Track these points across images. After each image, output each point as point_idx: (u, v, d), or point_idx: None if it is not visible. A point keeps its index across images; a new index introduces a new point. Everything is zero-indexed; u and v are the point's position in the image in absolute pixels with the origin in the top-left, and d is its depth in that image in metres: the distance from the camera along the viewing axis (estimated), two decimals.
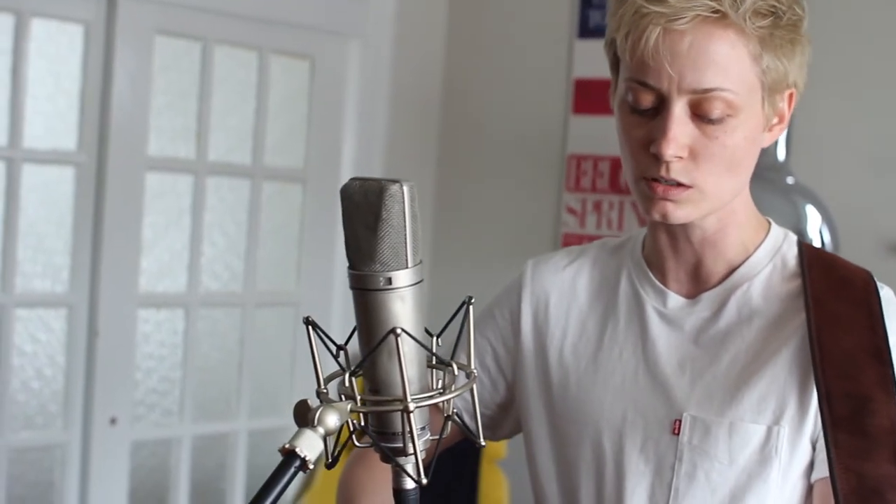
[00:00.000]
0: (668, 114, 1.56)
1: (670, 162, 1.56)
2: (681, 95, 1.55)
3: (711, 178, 1.59)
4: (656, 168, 1.58)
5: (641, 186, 1.61)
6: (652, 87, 1.56)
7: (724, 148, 1.57)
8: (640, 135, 1.60)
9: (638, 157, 1.60)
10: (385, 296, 1.18)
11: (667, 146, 1.55)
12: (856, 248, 3.54)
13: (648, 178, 1.59)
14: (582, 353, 1.77)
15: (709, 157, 1.57)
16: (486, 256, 4.35)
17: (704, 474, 1.63)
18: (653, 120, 1.58)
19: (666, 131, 1.55)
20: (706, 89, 1.54)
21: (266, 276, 4.22)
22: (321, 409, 1.15)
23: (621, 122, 1.63)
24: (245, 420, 4.14)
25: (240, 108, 4.09)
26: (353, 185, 1.19)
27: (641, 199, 1.63)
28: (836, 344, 1.60)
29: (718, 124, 1.56)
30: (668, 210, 1.60)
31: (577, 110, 4.20)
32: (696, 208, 1.61)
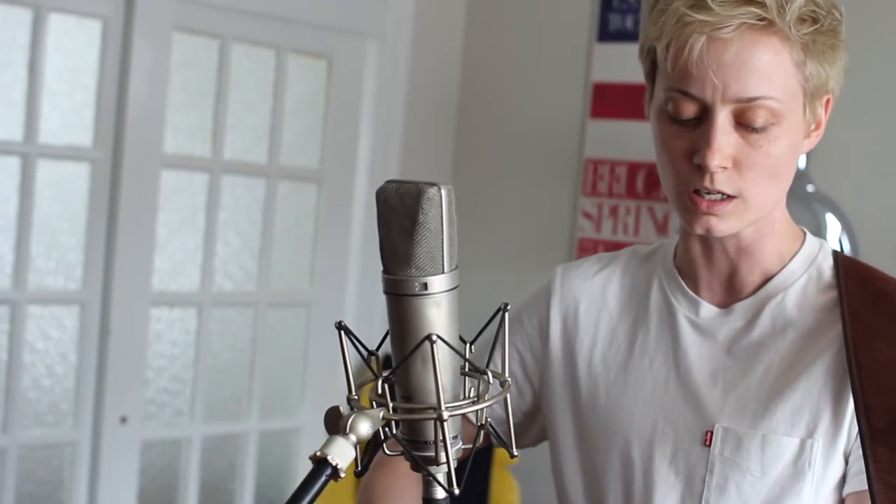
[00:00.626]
0: (712, 123, 1.53)
1: (715, 172, 1.54)
2: (725, 105, 1.53)
3: (756, 187, 1.56)
4: (700, 179, 1.55)
5: (684, 200, 1.58)
6: (695, 97, 1.54)
7: (767, 157, 1.55)
8: (682, 145, 1.57)
9: (679, 168, 1.58)
10: (420, 301, 1.16)
11: (712, 157, 1.53)
12: (875, 256, 3.51)
13: (691, 190, 1.57)
14: (612, 362, 1.74)
15: (752, 167, 1.55)
16: (501, 260, 4.32)
17: (736, 487, 1.60)
18: (695, 130, 1.55)
19: (711, 141, 1.53)
20: (751, 98, 1.52)
21: (279, 276, 4.19)
22: (353, 416, 1.13)
23: (661, 132, 1.60)
24: (256, 421, 4.12)
25: (256, 107, 4.07)
26: (390, 187, 1.16)
27: (684, 212, 1.60)
28: (874, 357, 1.57)
29: (762, 133, 1.54)
30: (711, 224, 1.57)
31: (594, 114, 4.17)
32: (739, 220, 1.59)
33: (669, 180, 1.60)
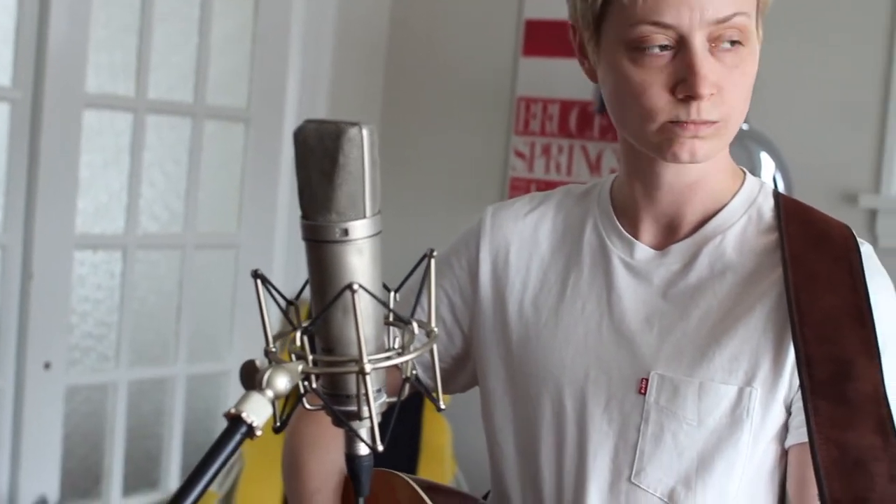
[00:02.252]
0: (692, 51, 1.48)
1: (703, 101, 1.48)
2: (701, 29, 1.47)
3: (735, 110, 1.53)
4: (686, 111, 1.49)
5: (666, 130, 1.51)
6: (670, 26, 1.48)
7: (744, 76, 1.52)
8: (659, 79, 1.50)
9: (659, 103, 1.50)
10: (341, 248, 1.09)
11: (702, 84, 1.47)
12: (809, 195, 3.45)
13: (682, 121, 1.50)
14: (543, 305, 1.68)
15: (732, 89, 1.50)
16: (432, 201, 4.27)
17: (672, 436, 1.55)
18: (672, 61, 1.50)
19: (698, 69, 1.47)
20: (726, 17, 1.48)
21: (206, 217, 4.12)
22: (270, 370, 1.06)
23: (627, 71, 1.52)
24: (183, 365, 4.06)
25: (182, 45, 3.98)
26: (308, 127, 1.09)
27: (662, 142, 1.53)
28: (816, 304, 1.52)
29: (735, 52, 1.50)
30: (696, 148, 1.52)
31: (526, 52, 4.11)
32: (719, 142, 1.54)
33: (642, 118, 1.53)
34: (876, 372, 1.47)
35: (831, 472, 1.42)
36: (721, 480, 1.55)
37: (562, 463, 1.62)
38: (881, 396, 1.46)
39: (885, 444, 1.44)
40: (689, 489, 1.55)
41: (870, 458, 1.43)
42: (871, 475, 1.42)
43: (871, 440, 1.44)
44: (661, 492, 1.56)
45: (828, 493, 1.41)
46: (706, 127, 1.50)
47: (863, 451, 1.43)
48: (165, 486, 4.05)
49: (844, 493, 1.41)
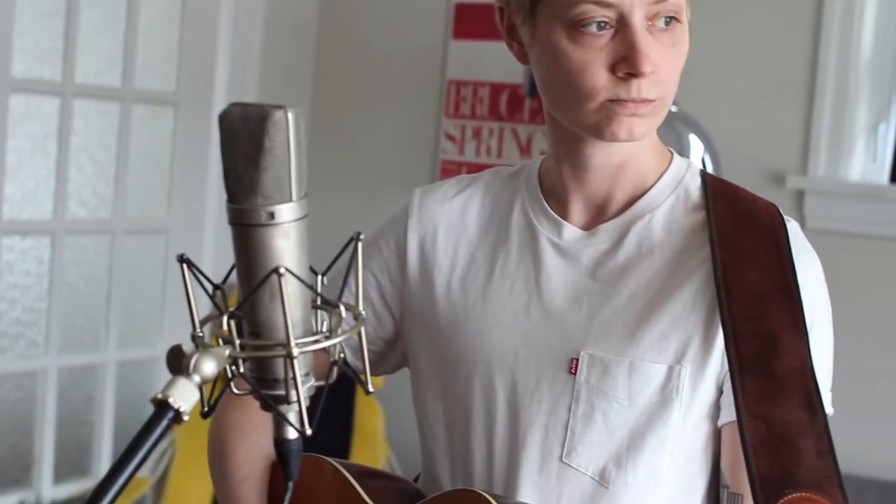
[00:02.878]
0: (633, 30, 1.49)
1: (644, 78, 1.49)
2: (640, 7, 1.48)
3: (670, 88, 1.54)
4: (626, 89, 1.50)
5: (605, 108, 1.52)
6: (610, 4, 1.48)
7: (680, 55, 1.54)
8: (599, 57, 1.51)
9: (598, 82, 1.51)
10: (267, 232, 1.09)
11: (645, 62, 1.48)
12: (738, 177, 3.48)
13: (623, 99, 1.51)
14: (471, 286, 1.68)
15: (668, 67, 1.52)
16: (363, 184, 4.26)
17: (602, 416, 1.56)
18: (612, 40, 1.50)
19: (639, 47, 1.48)
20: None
21: (136, 202, 4.09)
22: (197, 355, 1.06)
23: (565, 50, 1.52)
24: (114, 351, 4.03)
25: (109, 29, 3.94)
26: (233, 111, 1.08)
27: (601, 121, 1.53)
28: (743, 281, 1.53)
29: (670, 31, 1.51)
30: (634, 126, 1.52)
31: (457, 35, 4.11)
32: (654, 120, 1.56)
33: (580, 97, 1.53)
34: (803, 347, 1.49)
35: (759, 448, 1.44)
36: (652, 458, 1.56)
37: (492, 444, 1.63)
38: (808, 371, 1.48)
39: (812, 418, 1.45)
40: (621, 468, 1.56)
41: (797, 434, 1.44)
42: (799, 450, 1.43)
43: (798, 415, 1.45)
44: (592, 471, 1.57)
45: (755, 469, 1.43)
46: (645, 105, 1.51)
47: (790, 427, 1.45)
48: (97, 474, 4.02)
49: (772, 469, 1.42)
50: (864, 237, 3.60)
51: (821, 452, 1.43)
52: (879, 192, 3.61)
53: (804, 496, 1.40)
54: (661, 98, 1.53)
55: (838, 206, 3.63)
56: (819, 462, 1.43)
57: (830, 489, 1.40)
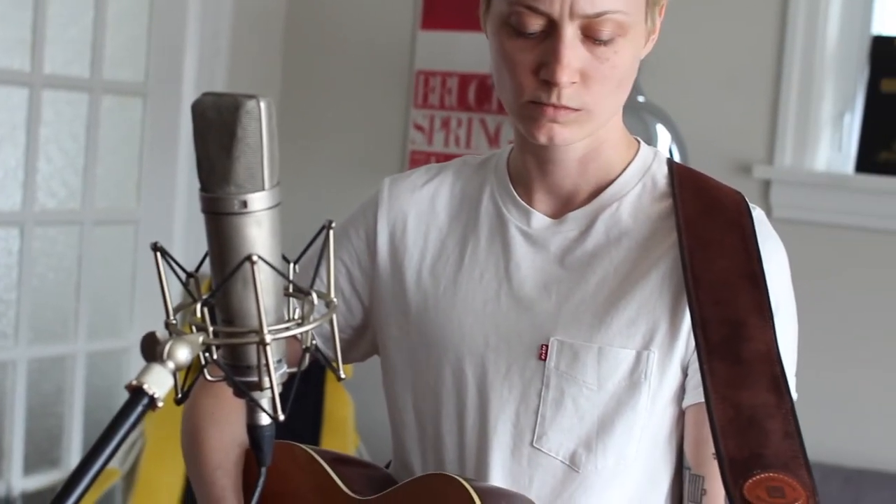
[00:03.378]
0: (559, 39, 1.51)
1: (563, 88, 1.52)
2: (573, 20, 1.51)
3: (601, 99, 1.56)
4: (546, 94, 1.53)
5: (528, 110, 1.56)
6: (541, 12, 1.51)
7: (614, 69, 1.55)
8: (527, 59, 1.54)
9: (524, 82, 1.55)
10: (240, 220, 1.10)
11: (561, 72, 1.51)
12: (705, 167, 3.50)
13: (539, 102, 1.54)
14: (441, 274, 1.70)
15: (600, 80, 1.54)
16: (333, 174, 4.27)
17: (572, 401, 1.59)
18: (541, 44, 1.53)
19: (560, 57, 1.51)
20: (598, 13, 1.51)
21: (105, 193, 4.08)
22: (171, 342, 1.07)
23: (503, 46, 1.57)
24: (84, 342, 4.02)
25: (77, 19, 3.93)
26: (206, 100, 1.10)
27: (526, 121, 1.58)
28: (709, 268, 1.56)
29: (609, 45, 1.53)
30: (555, 132, 1.56)
31: (425, 26, 4.12)
32: (581, 129, 1.58)
33: (511, 93, 1.58)
34: (769, 332, 1.52)
35: (727, 430, 1.47)
36: (621, 442, 1.58)
37: (463, 430, 1.65)
38: (774, 355, 1.51)
39: (778, 401, 1.48)
40: (590, 451, 1.59)
41: (764, 416, 1.47)
42: (766, 432, 1.46)
43: (766, 398, 1.48)
44: (562, 455, 1.60)
45: (724, 450, 1.46)
46: (566, 113, 1.54)
47: (757, 409, 1.48)
48: (67, 465, 4.02)
49: (739, 451, 1.45)
50: (829, 226, 3.64)
51: (787, 434, 1.46)
52: (845, 182, 3.65)
53: (772, 476, 1.43)
54: (588, 109, 1.55)
55: (804, 196, 3.66)
56: (786, 444, 1.45)
57: (797, 469, 1.43)
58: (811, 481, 1.43)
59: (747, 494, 1.41)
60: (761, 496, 1.40)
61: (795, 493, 1.41)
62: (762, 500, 1.40)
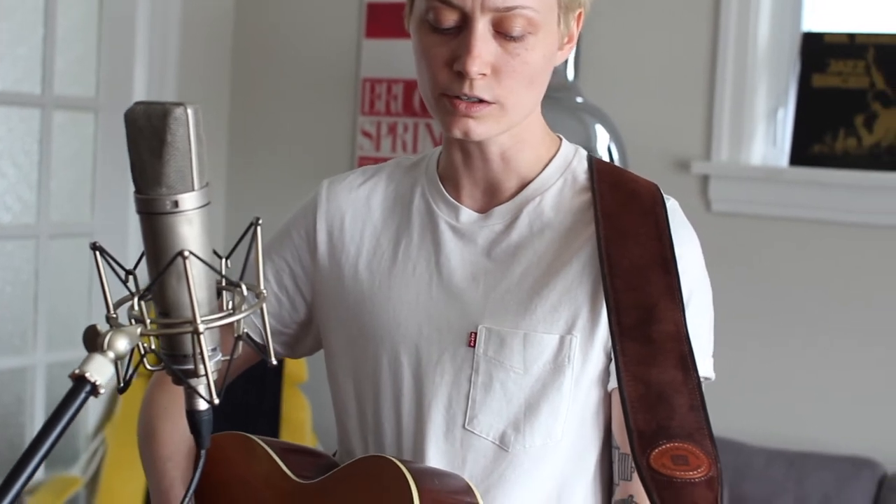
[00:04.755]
0: (471, 32, 1.60)
1: (474, 79, 1.60)
2: (484, 13, 1.59)
3: (513, 94, 1.64)
4: (459, 85, 1.62)
5: (443, 103, 1.65)
6: (455, 6, 1.60)
7: (525, 64, 1.63)
8: (443, 53, 1.63)
9: (440, 75, 1.64)
10: (172, 219, 1.19)
11: (472, 63, 1.59)
12: (645, 164, 3.64)
13: (450, 95, 1.63)
14: (376, 270, 1.79)
15: (510, 74, 1.62)
16: (283, 181, 4.34)
17: (500, 384, 1.68)
18: (455, 38, 1.62)
19: (470, 49, 1.59)
20: (508, 7, 1.59)
21: (59, 207, 4.15)
22: (110, 333, 1.16)
23: (422, 41, 1.66)
24: (43, 353, 4.08)
25: (27, 37, 3.99)
26: (137, 109, 1.18)
27: (442, 115, 1.66)
28: (624, 256, 1.66)
29: (519, 42, 1.61)
30: (469, 127, 1.64)
31: (369, 34, 4.20)
32: (496, 124, 1.66)
33: (428, 87, 1.66)
34: (678, 314, 1.61)
35: (637, 406, 1.56)
36: (547, 423, 1.67)
37: (400, 415, 1.74)
38: (683, 335, 1.60)
39: (685, 377, 1.57)
40: (519, 432, 1.68)
41: (671, 392, 1.56)
42: (673, 406, 1.55)
43: (673, 375, 1.57)
44: (492, 436, 1.68)
45: (633, 424, 1.54)
46: (479, 108, 1.63)
47: (665, 386, 1.57)
48: None
49: (648, 424, 1.54)
50: (766, 218, 3.73)
51: (693, 407, 1.55)
52: (779, 175, 3.74)
53: (677, 445, 1.51)
54: (501, 102, 1.64)
55: (741, 190, 3.76)
56: (691, 416, 1.54)
57: (701, 439, 1.52)
58: (714, 450, 1.51)
59: (653, 463, 1.49)
60: (666, 464, 1.49)
61: (699, 461, 1.49)
62: (667, 467, 1.48)
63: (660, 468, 1.48)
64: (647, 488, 1.48)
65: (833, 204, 3.68)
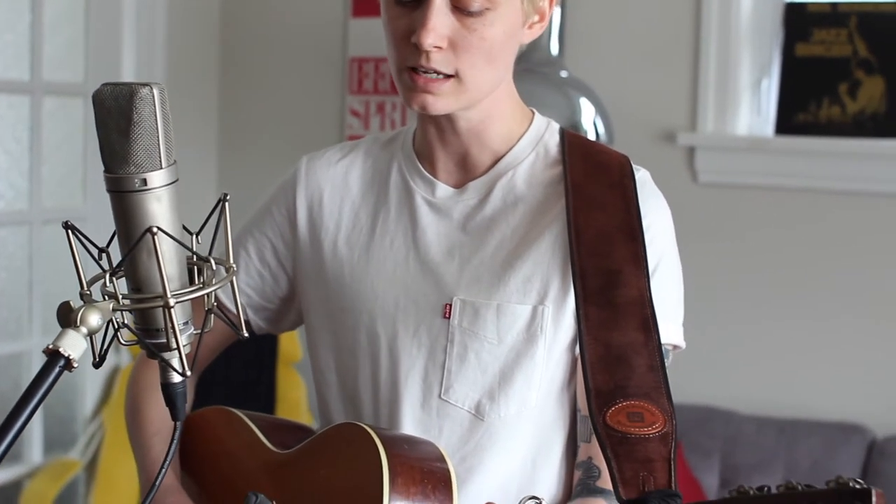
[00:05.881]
0: (428, 5, 1.63)
1: (430, 52, 1.63)
2: None
3: (471, 69, 1.66)
4: (416, 57, 1.65)
5: (404, 77, 1.68)
6: None
7: (482, 40, 1.65)
8: (403, 26, 1.66)
9: (400, 47, 1.68)
10: (141, 197, 1.22)
11: (426, 36, 1.62)
12: (630, 137, 3.67)
13: (409, 67, 1.66)
14: (355, 244, 1.82)
15: (467, 49, 1.65)
16: (272, 161, 4.36)
17: (475, 355, 1.71)
18: (414, 11, 1.65)
19: (426, 22, 1.62)
20: None
21: (52, 192, 4.16)
22: (83, 308, 1.19)
23: (386, 14, 1.70)
24: (38, 339, 4.10)
25: (15, 23, 4.00)
26: (104, 90, 1.21)
27: (403, 90, 1.70)
28: (591, 225, 1.69)
29: (478, 17, 1.64)
30: (427, 102, 1.67)
31: (356, 13, 4.22)
32: (455, 100, 1.68)
33: (392, 59, 1.70)
34: (642, 280, 1.65)
35: (596, 366, 1.59)
36: (521, 390, 1.71)
37: (377, 386, 1.77)
38: (646, 300, 1.63)
39: (646, 339, 1.60)
40: (493, 401, 1.71)
41: (631, 353, 1.60)
42: (632, 367, 1.59)
43: (634, 337, 1.61)
44: (468, 405, 1.72)
45: (592, 384, 1.58)
46: (437, 83, 1.66)
47: (625, 348, 1.60)
48: (28, 458, 4.10)
49: (606, 384, 1.57)
50: (752, 188, 3.76)
51: (651, 368, 1.58)
52: (765, 145, 3.77)
53: (633, 404, 1.55)
54: (459, 77, 1.66)
55: (727, 160, 3.79)
56: (650, 376, 1.58)
57: (658, 398, 1.55)
58: (670, 407, 1.54)
59: (609, 420, 1.53)
60: (622, 421, 1.52)
61: (654, 418, 1.52)
62: (622, 424, 1.52)
63: (615, 425, 1.52)
64: (601, 445, 1.51)
65: (818, 172, 3.71)
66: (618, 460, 1.48)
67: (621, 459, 1.48)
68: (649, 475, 1.45)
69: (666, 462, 1.47)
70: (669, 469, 1.46)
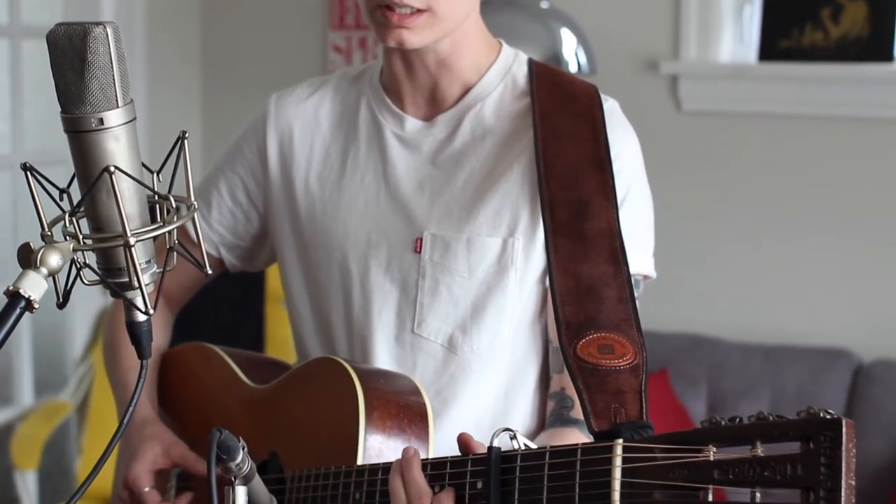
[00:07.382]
0: None
1: None
2: None
3: (444, 3, 1.65)
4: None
5: (376, 15, 1.67)
6: None
7: None
8: None
9: None
10: (98, 136, 1.21)
11: None
12: (613, 67, 3.65)
13: (383, 5, 1.64)
14: (326, 180, 1.82)
15: None
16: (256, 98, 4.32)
17: (447, 288, 1.71)
18: None
19: None
20: None
21: (35, 136, 4.15)
22: (43, 249, 1.18)
23: None
24: None
25: None
26: (58, 30, 1.20)
27: (377, 27, 1.69)
28: (559, 156, 1.68)
29: None
30: (403, 37, 1.66)
31: None
32: (431, 32, 1.67)
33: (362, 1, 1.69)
34: (611, 211, 1.64)
35: (566, 298, 1.59)
36: (493, 323, 1.71)
37: (351, 321, 1.77)
38: (615, 232, 1.63)
39: (615, 272, 1.60)
40: (466, 334, 1.72)
41: (601, 285, 1.59)
42: (602, 298, 1.58)
43: (604, 269, 1.60)
44: (441, 339, 1.73)
45: (562, 316, 1.58)
46: (412, 18, 1.65)
47: (595, 280, 1.60)
48: (20, 401, 4.12)
49: (576, 316, 1.57)
50: (736, 115, 3.76)
51: (621, 300, 1.58)
52: (748, 71, 3.77)
53: (603, 336, 1.54)
54: (432, 10, 1.65)
55: (710, 88, 3.78)
56: (620, 308, 1.57)
57: (628, 330, 1.55)
58: (640, 339, 1.54)
59: (580, 352, 1.52)
60: (592, 353, 1.52)
61: (624, 350, 1.52)
62: (593, 356, 1.51)
63: (586, 357, 1.51)
64: (572, 377, 1.50)
65: (802, 98, 3.71)
66: (589, 392, 1.47)
67: (592, 391, 1.47)
68: (620, 407, 1.45)
69: (637, 394, 1.47)
70: (641, 401, 1.46)
